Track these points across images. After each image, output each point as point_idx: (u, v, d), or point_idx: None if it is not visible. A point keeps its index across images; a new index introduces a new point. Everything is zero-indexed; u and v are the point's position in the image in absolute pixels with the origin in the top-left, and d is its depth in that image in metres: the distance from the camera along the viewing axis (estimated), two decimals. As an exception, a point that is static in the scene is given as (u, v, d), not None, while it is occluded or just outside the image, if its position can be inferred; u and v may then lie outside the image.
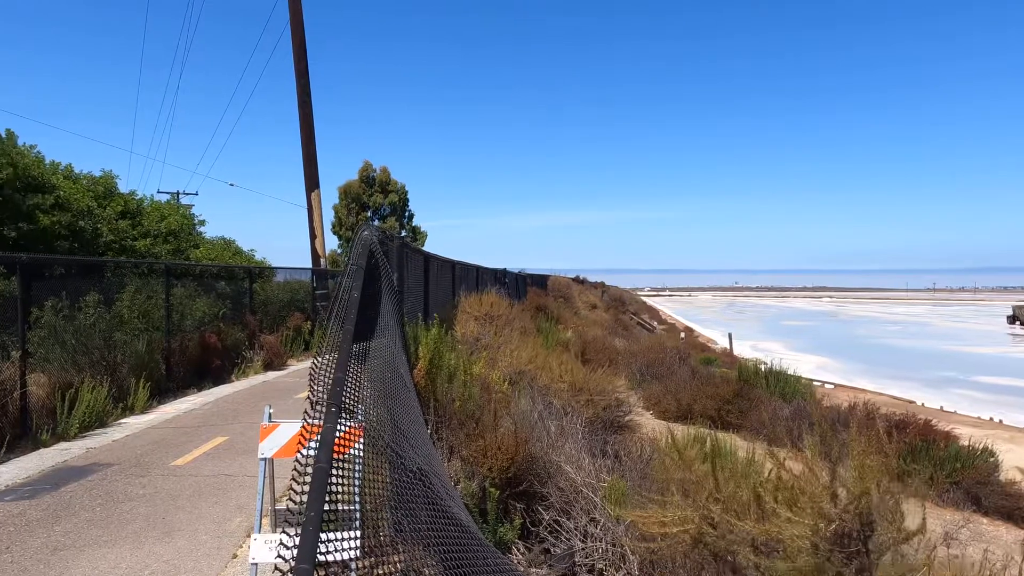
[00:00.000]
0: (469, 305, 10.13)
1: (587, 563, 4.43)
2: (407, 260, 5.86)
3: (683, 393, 15.48)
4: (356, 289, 3.29)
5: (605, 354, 18.53)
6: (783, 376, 17.35)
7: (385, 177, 31.33)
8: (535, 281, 28.45)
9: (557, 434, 5.07)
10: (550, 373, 9.08)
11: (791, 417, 14.47)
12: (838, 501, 2.05)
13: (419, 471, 2.93)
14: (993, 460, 12.08)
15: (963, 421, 19.83)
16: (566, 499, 4.49)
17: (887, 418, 14.05)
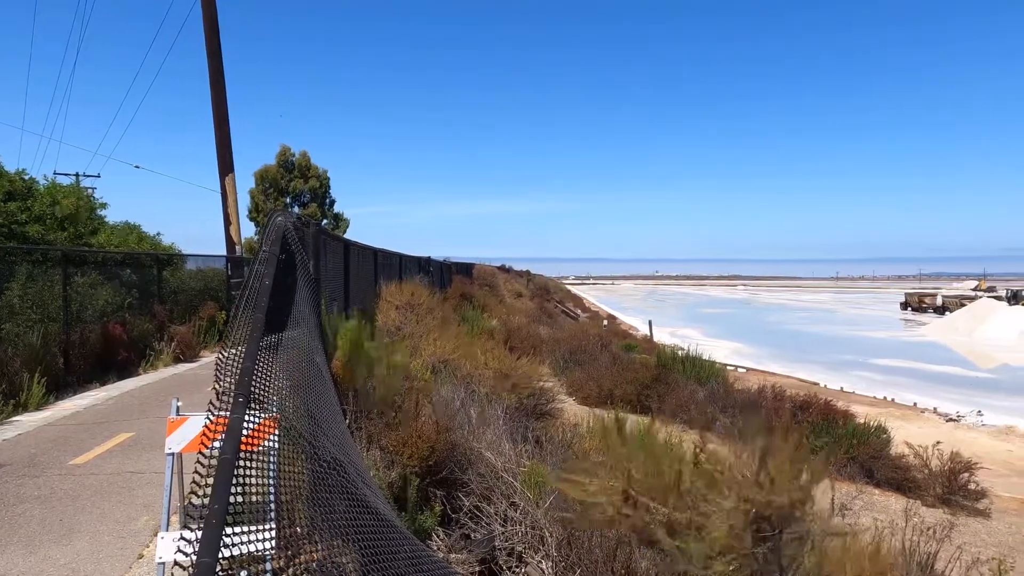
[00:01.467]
0: (391, 294, 10.00)
1: (507, 546, 4.49)
2: (325, 247, 5.72)
3: (605, 379, 15.88)
4: (268, 276, 3.18)
5: (530, 342, 18.73)
6: (699, 361, 18.06)
7: (305, 162, 30.36)
8: (460, 270, 28.37)
9: (478, 421, 5.10)
10: (473, 361, 9.10)
11: (706, 400, 15.14)
12: (763, 489, 2.15)
13: (335, 461, 2.88)
14: (885, 436, 13.01)
15: (861, 401, 21.25)
16: (487, 485, 4.53)
17: (793, 399, 14.92)
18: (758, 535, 2.11)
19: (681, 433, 9.29)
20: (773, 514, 2.08)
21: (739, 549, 2.08)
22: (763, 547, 2.08)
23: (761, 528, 2.10)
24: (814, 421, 13.31)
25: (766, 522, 2.09)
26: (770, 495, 2.08)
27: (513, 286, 39.10)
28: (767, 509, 2.08)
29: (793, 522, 2.10)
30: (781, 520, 2.08)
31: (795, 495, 2.09)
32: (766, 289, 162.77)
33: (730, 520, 2.10)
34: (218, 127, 15.04)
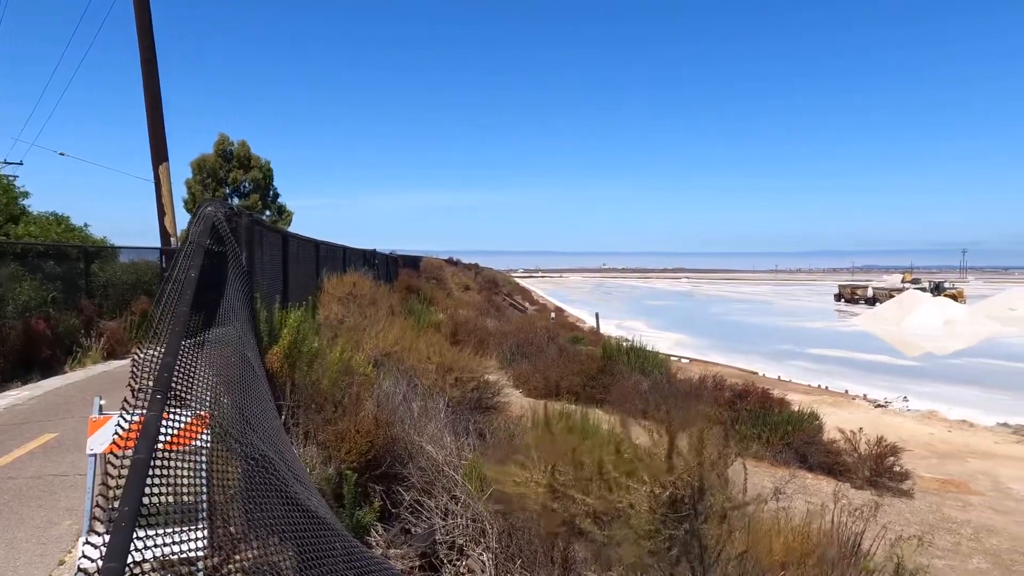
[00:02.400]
0: (334, 287, 9.80)
1: (448, 540, 4.47)
2: (261, 239, 5.55)
3: (551, 371, 16.00)
4: (195, 269, 3.06)
5: (477, 335, 18.70)
6: (643, 352, 18.39)
7: (244, 152, 29.41)
8: (407, 263, 28.07)
9: (420, 415, 5.05)
10: (418, 354, 9.02)
11: (649, 390, 15.43)
12: (673, 471, 2.19)
13: (264, 459, 2.80)
14: (818, 423, 13.54)
15: (796, 389, 22.05)
16: (427, 479, 4.50)
17: (732, 388, 15.37)
18: (676, 517, 2.15)
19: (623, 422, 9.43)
20: (685, 494, 2.13)
21: (660, 532, 2.12)
22: (681, 528, 2.13)
23: (678, 509, 2.14)
24: (752, 409, 13.73)
25: (681, 503, 2.14)
26: (681, 475, 2.12)
27: (461, 279, 38.96)
28: (680, 490, 2.13)
29: (704, 499, 2.15)
30: (694, 499, 2.13)
31: (704, 474, 2.14)
32: (708, 282, 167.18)
33: (648, 504, 2.14)
34: (151, 112, 14.40)
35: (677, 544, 2.20)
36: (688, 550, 2.21)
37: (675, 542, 2.20)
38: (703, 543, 2.20)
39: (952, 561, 8.57)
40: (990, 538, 9.54)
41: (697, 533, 2.16)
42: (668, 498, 2.18)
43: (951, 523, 10.08)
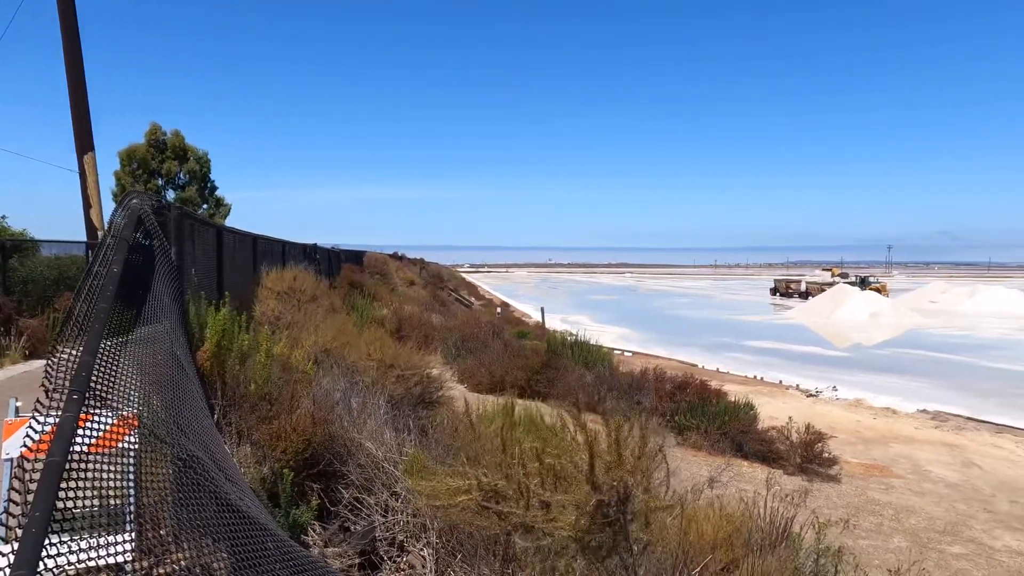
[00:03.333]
0: (272, 282, 9.56)
1: (388, 537, 4.45)
2: (193, 233, 5.36)
3: (496, 366, 16.05)
4: (118, 264, 2.94)
5: (421, 330, 18.59)
6: (587, 346, 18.66)
7: (179, 142, 28.25)
8: (350, 257, 27.61)
9: (360, 412, 4.99)
10: (359, 351, 8.91)
11: (593, 384, 15.67)
12: (596, 479, 2.24)
13: (195, 460, 2.72)
14: (753, 412, 14.01)
15: (734, 380, 22.76)
16: (367, 476, 4.45)
17: (672, 380, 15.75)
18: (603, 521, 2.20)
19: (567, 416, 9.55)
20: (610, 500, 2.19)
21: (587, 535, 2.17)
22: (609, 531, 2.18)
23: (606, 513, 2.19)
24: (691, 400, 14.11)
25: (608, 507, 2.19)
26: (607, 479, 2.17)
27: (406, 274, 38.60)
28: (605, 495, 2.18)
29: (628, 504, 2.21)
30: (618, 503, 2.19)
31: (626, 478, 2.20)
32: (651, 276, 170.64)
33: (576, 512, 2.18)
34: (74, 97, 13.69)
35: (606, 543, 2.25)
36: (617, 546, 2.27)
37: (603, 541, 2.25)
38: (631, 540, 2.25)
39: (875, 541, 9.03)
40: (909, 518, 10.09)
41: (624, 533, 2.22)
42: (595, 504, 2.22)
43: (875, 505, 10.61)
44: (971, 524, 10.07)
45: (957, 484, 12.17)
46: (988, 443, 15.42)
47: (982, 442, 15.48)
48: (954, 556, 8.77)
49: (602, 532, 2.17)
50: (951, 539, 9.38)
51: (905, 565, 8.21)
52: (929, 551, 8.85)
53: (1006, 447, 15.11)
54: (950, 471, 13.00)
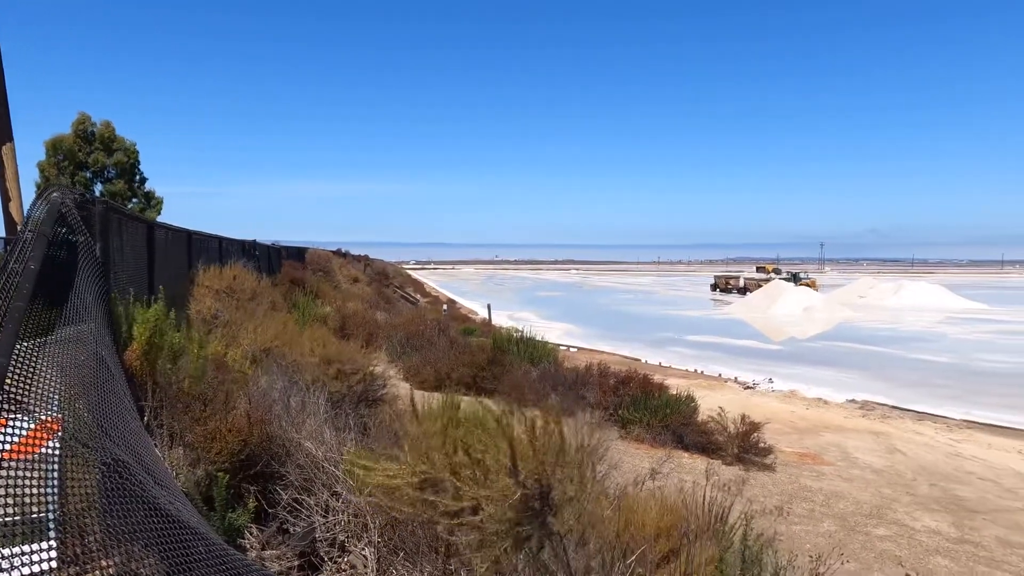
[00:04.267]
0: (209, 279, 9.26)
1: (329, 537, 4.38)
2: (121, 229, 5.14)
3: (441, 363, 15.99)
4: (35, 260, 2.80)
5: (366, 328, 18.35)
6: (532, 342, 18.77)
7: (108, 133, 26.99)
8: (291, 254, 26.97)
9: (299, 411, 4.90)
10: (301, 349, 8.73)
11: (538, 379, 15.79)
12: (518, 473, 2.26)
13: (122, 464, 2.62)
14: (693, 405, 14.38)
15: (675, 374, 23.32)
16: (306, 476, 4.37)
17: (616, 375, 16.02)
18: (529, 513, 2.23)
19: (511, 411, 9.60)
20: (532, 491, 2.22)
21: (514, 529, 2.20)
22: (535, 523, 2.21)
23: (530, 505, 2.22)
24: (634, 394, 14.37)
25: (532, 499, 2.22)
26: (526, 477, 2.20)
27: (350, 271, 37.97)
28: (529, 489, 2.21)
29: (551, 498, 2.25)
30: (540, 496, 2.22)
31: (545, 471, 2.23)
32: (596, 273, 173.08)
33: (502, 503, 2.20)
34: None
35: (534, 535, 2.28)
36: (549, 539, 2.30)
37: (531, 533, 2.28)
38: (552, 532, 2.29)
39: (807, 526, 9.42)
40: (838, 503, 10.56)
41: (549, 527, 2.25)
42: (520, 498, 2.25)
43: (807, 492, 11.06)
44: (894, 507, 10.61)
45: (882, 470, 12.81)
46: (911, 430, 16.28)
47: (905, 429, 16.33)
48: (879, 538, 9.23)
49: (529, 524, 2.20)
50: (876, 522, 9.86)
51: (834, 548, 8.60)
52: (856, 534, 9.29)
53: (927, 433, 15.98)
54: (876, 457, 13.67)
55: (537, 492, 2.21)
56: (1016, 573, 8.34)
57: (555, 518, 2.25)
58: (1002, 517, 10.43)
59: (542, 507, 2.22)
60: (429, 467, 2.46)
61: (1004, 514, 10.59)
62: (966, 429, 16.59)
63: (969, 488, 11.85)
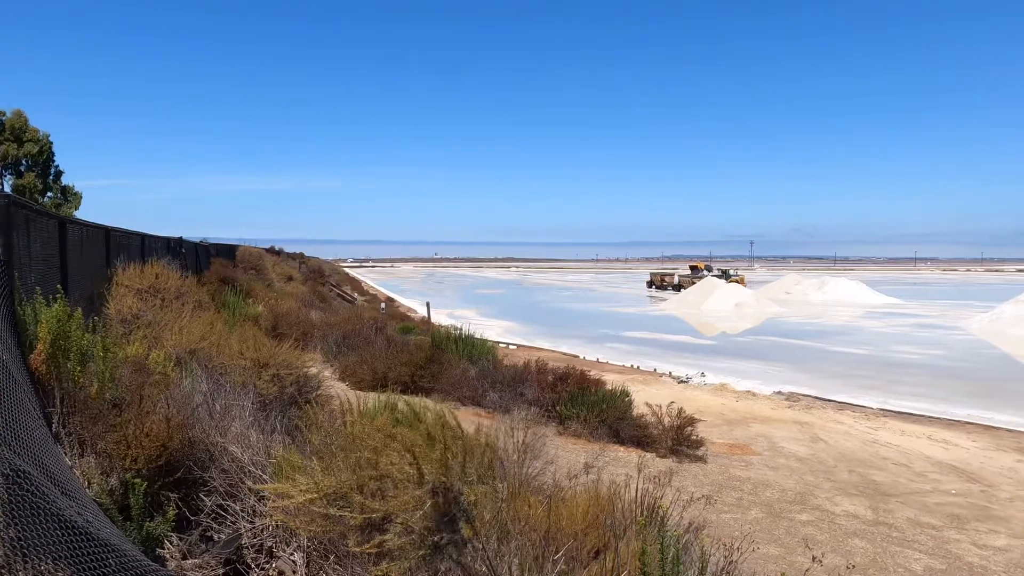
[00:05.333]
0: (129, 278, 8.83)
1: (256, 543, 4.26)
2: (29, 225, 4.84)
3: (379, 362, 15.78)
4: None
5: (300, 327, 17.92)
6: (471, 340, 18.74)
7: (19, 123, 25.37)
8: (221, 252, 26.03)
9: (223, 414, 4.73)
10: (230, 350, 8.44)
11: (477, 377, 15.79)
12: (424, 481, 2.25)
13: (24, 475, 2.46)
14: (629, 399, 14.67)
15: (612, 369, 23.73)
16: (231, 481, 4.23)
17: (554, 372, 16.18)
18: (443, 518, 2.23)
19: (455, 410, 9.57)
20: (443, 494, 2.22)
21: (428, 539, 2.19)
22: (448, 529, 2.21)
23: (443, 511, 2.22)
24: (571, 390, 14.55)
25: (445, 505, 2.22)
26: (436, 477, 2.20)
27: (283, 269, 36.98)
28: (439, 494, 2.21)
29: (460, 499, 2.25)
30: (451, 497, 2.22)
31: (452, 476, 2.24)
32: (536, 270, 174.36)
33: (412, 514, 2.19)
34: None
35: (450, 542, 2.28)
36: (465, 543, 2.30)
37: (448, 541, 2.27)
38: (474, 536, 2.29)
39: (735, 514, 9.75)
40: (765, 491, 10.99)
41: (462, 531, 2.26)
42: (431, 506, 2.24)
43: (736, 481, 11.45)
44: (816, 493, 11.12)
45: (806, 458, 13.39)
46: (832, 419, 17.09)
47: (827, 419, 17.13)
48: (802, 523, 9.65)
49: (443, 532, 2.20)
50: (800, 508, 10.31)
51: (761, 534, 8.95)
52: (781, 520, 9.69)
53: (846, 422, 16.81)
54: (800, 446, 14.28)
55: (444, 497, 2.20)
56: (925, 551, 8.87)
57: (466, 523, 2.25)
58: (913, 499, 11.08)
59: (453, 512, 2.22)
60: (336, 483, 2.42)
61: (915, 496, 11.25)
62: (882, 417, 17.53)
63: (884, 473, 12.53)
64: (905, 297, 63.91)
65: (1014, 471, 12.94)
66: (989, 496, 11.42)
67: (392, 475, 2.22)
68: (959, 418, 17.45)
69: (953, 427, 16.58)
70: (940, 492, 11.54)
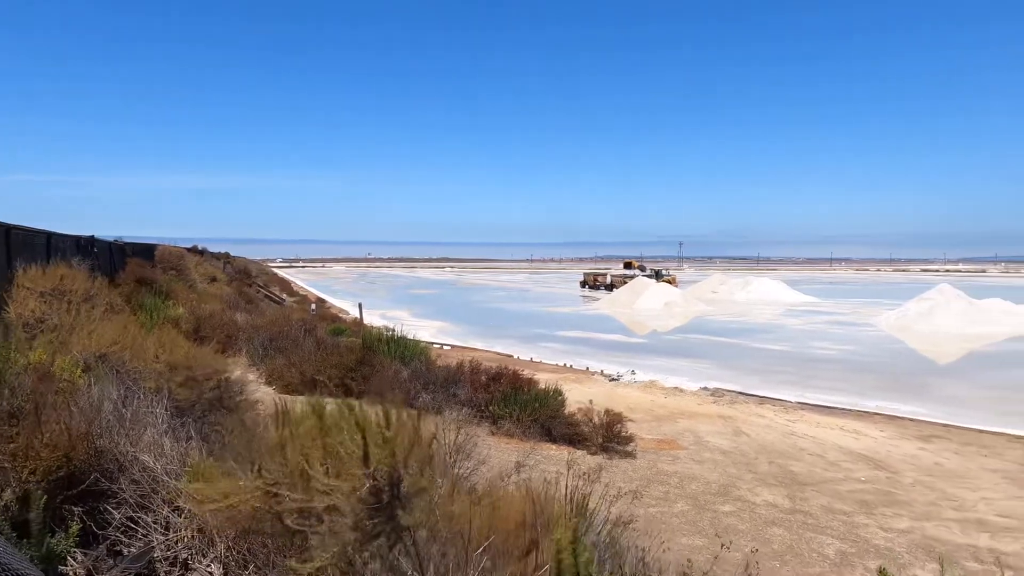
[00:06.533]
0: (32, 279, 8.29)
1: (170, 556, 4.07)
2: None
3: (308, 365, 15.39)
4: None
5: (224, 330, 17.30)
6: (403, 341, 18.54)
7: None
8: (138, 251, 24.77)
9: (134, 421, 4.50)
10: (146, 354, 8.05)
11: (409, 379, 15.62)
12: (370, 462, 2.22)
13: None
14: (561, 398, 14.85)
15: (546, 368, 23.97)
16: (143, 492, 4.03)
17: (487, 372, 16.21)
18: (378, 504, 2.21)
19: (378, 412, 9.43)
20: (383, 485, 2.20)
21: (365, 524, 2.16)
22: (384, 516, 2.19)
23: (380, 498, 2.20)
24: (504, 390, 14.61)
25: (384, 491, 2.20)
26: (378, 465, 2.18)
27: (207, 269, 35.54)
28: (379, 481, 2.19)
29: (402, 488, 2.24)
30: (392, 486, 2.21)
31: (397, 463, 2.23)
32: (471, 270, 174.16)
33: (350, 499, 2.16)
34: None
35: (384, 532, 2.25)
36: (398, 535, 2.27)
37: (381, 529, 2.24)
38: (411, 526, 2.27)
39: (662, 508, 10.03)
40: (691, 484, 11.34)
41: (398, 519, 2.23)
42: (369, 489, 2.21)
43: (663, 476, 11.77)
44: (739, 485, 11.56)
45: (729, 451, 13.91)
46: (754, 413, 17.81)
47: (749, 413, 17.84)
48: (725, 513, 10.01)
49: (378, 518, 2.17)
50: (723, 499, 10.69)
51: (686, 526, 9.22)
52: (705, 511, 10.02)
53: (767, 416, 17.55)
54: (724, 440, 14.81)
55: (387, 483, 2.17)
56: (837, 536, 9.37)
57: (404, 511, 2.23)
58: (827, 487, 11.67)
59: (391, 499, 2.19)
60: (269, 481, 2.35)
61: (828, 484, 11.86)
62: (800, 410, 18.40)
63: (801, 463, 13.16)
64: (822, 296, 67.28)
65: (916, 458, 13.83)
66: (894, 482, 12.17)
67: (339, 454, 2.16)
68: (869, 409, 18.52)
69: (863, 418, 17.58)
70: (851, 480, 12.21)
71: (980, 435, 15.85)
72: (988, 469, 13.08)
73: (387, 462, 2.15)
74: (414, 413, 3.07)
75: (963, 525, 10.08)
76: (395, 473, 2.19)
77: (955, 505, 10.97)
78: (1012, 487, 12.00)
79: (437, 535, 2.65)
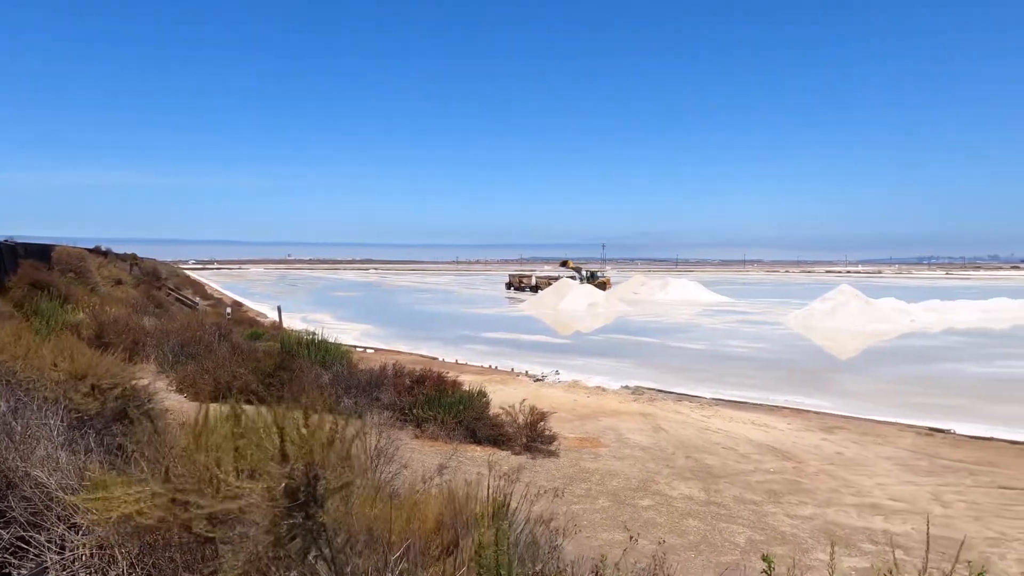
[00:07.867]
0: (-92, 283, 7.59)
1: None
2: None
3: (221, 371, 14.77)
4: None
5: (130, 335, 16.36)
6: (324, 344, 18.12)
7: None
8: (33, 252, 23.08)
9: (25, 434, 4.21)
10: (42, 362, 7.52)
11: (330, 383, 15.28)
12: (287, 460, 2.19)
13: None
14: (486, 400, 14.88)
15: (471, 370, 23.97)
16: (35, 509, 3.78)
17: (411, 374, 16.06)
18: (296, 504, 2.17)
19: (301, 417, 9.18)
20: (300, 484, 2.17)
21: (279, 525, 2.12)
22: (299, 516, 2.16)
23: (296, 497, 2.17)
24: (428, 393, 14.52)
25: (300, 490, 2.17)
26: (295, 463, 2.15)
27: (111, 271, 33.54)
28: (295, 480, 2.16)
29: (319, 486, 2.22)
30: (309, 486, 2.18)
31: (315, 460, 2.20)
32: (395, 272, 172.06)
33: (267, 496, 2.12)
34: None
35: (300, 534, 2.21)
36: (314, 538, 2.24)
37: (296, 531, 2.21)
38: (327, 528, 2.25)
39: (584, 504, 10.23)
40: (612, 481, 11.63)
41: (315, 519, 2.20)
42: (284, 489, 2.17)
43: (585, 473, 12.01)
44: (657, 479, 11.95)
45: (649, 447, 14.35)
46: (672, 410, 18.44)
47: (668, 410, 18.45)
48: (644, 508, 10.32)
49: (293, 518, 2.13)
50: (642, 494, 11.02)
51: (606, 522, 9.44)
52: (625, 507, 10.30)
53: (684, 412, 18.21)
54: (644, 437, 15.27)
55: (304, 481, 2.13)
56: (747, 525, 9.83)
57: (322, 508, 2.19)
58: (738, 479, 12.24)
59: (308, 498, 2.15)
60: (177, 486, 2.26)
61: (740, 476, 12.44)
62: (715, 406, 19.19)
63: (715, 457, 13.73)
64: (735, 296, 70.40)
65: (819, 448, 14.71)
66: (799, 471, 12.89)
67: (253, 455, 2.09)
68: (777, 404, 19.53)
69: (773, 412, 18.53)
70: (761, 471, 12.84)
71: (876, 425, 17.01)
72: (883, 457, 14.06)
73: (305, 458, 2.11)
74: (336, 417, 3.02)
75: (860, 510, 10.79)
76: (312, 471, 2.16)
77: (854, 491, 11.73)
78: (903, 473, 12.95)
79: (356, 538, 2.62)
